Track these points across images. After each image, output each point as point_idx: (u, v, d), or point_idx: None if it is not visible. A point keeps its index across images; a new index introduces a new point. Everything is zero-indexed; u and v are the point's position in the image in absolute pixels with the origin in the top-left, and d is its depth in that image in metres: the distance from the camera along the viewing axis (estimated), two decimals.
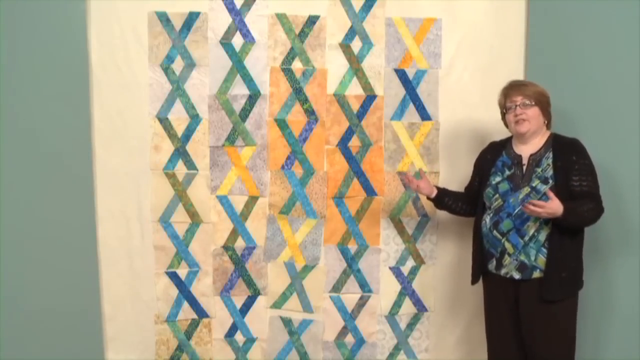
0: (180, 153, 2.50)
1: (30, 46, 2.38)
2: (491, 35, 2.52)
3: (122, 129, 2.46)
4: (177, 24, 2.44)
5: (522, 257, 2.03)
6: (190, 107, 2.49)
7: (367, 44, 2.52)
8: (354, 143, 2.56)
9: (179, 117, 2.49)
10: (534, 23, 2.49)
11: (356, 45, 2.52)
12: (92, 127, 2.44)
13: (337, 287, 2.60)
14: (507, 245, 2.06)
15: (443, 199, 2.34)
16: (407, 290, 2.63)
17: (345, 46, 2.52)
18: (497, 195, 2.11)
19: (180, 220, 2.53)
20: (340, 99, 2.54)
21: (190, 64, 2.47)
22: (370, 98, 2.54)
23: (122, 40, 2.42)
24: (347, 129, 2.55)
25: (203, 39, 2.46)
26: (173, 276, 2.55)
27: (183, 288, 2.56)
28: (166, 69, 2.46)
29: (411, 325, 2.65)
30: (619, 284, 2.33)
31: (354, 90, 2.53)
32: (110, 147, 2.46)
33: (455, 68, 2.53)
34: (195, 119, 2.49)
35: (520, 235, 2.03)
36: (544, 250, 2.01)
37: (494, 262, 2.11)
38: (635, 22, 2.13)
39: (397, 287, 2.62)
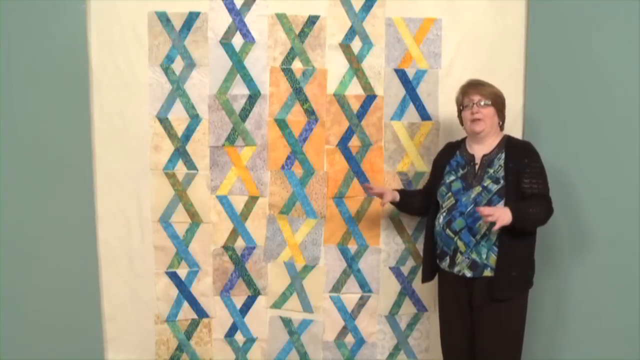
0: (180, 153, 2.50)
1: (30, 46, 2.38)
2: (491, 35, 2.52)
3: (122, 129, 2.45)
4: (177, 24, 2.44)
5: (474, 256, 2.06)
6: (190, 107, 2.49)
7: (367, 44, 2.52)
8: (354, 143, 2.56)
9: (179, 117, 2.49)
10: (534, 23, 2.49)
11: (356, 45, 2.52)
12: (92, 127, 2.44)
13: (337, 287, 2.60)
14: (460, 243, 2.09)
15: (406, 201, 2.36)
16: (407, 290, 2.63)
17: (345, 46, 2.51)
18: (450, 194, 2.14)
19: (180, 220, 2.53)
20: (340, 99, 2.54)
21: (190, 64, 2.47)
22: (370, 98, 2.54)
23: (122, 40, 2.42)
24: (347, 129, 2.55)
25: (203, 39, 2.46)
26: (173, 276, 2.56)
27: (183, 288, 2.56)
28: (166, 69, 2.46)
29: (411, 325, 2.65)
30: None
31: (354, 90, 2.53)
32: (110, 147, 2.46)
33: (455, 68, 2.53)
34: (195, 119, 2.49)
35: (472, 233, 2.06)
36: (495, 249, 2.04)
37: (448, 261, 2.14)
38: (635, 22, 2.13)
39: (397, 287, 2.62)
